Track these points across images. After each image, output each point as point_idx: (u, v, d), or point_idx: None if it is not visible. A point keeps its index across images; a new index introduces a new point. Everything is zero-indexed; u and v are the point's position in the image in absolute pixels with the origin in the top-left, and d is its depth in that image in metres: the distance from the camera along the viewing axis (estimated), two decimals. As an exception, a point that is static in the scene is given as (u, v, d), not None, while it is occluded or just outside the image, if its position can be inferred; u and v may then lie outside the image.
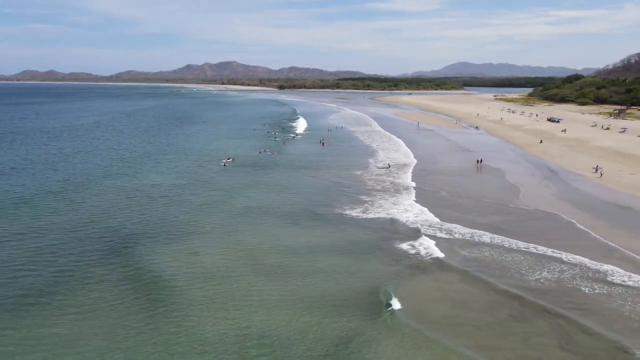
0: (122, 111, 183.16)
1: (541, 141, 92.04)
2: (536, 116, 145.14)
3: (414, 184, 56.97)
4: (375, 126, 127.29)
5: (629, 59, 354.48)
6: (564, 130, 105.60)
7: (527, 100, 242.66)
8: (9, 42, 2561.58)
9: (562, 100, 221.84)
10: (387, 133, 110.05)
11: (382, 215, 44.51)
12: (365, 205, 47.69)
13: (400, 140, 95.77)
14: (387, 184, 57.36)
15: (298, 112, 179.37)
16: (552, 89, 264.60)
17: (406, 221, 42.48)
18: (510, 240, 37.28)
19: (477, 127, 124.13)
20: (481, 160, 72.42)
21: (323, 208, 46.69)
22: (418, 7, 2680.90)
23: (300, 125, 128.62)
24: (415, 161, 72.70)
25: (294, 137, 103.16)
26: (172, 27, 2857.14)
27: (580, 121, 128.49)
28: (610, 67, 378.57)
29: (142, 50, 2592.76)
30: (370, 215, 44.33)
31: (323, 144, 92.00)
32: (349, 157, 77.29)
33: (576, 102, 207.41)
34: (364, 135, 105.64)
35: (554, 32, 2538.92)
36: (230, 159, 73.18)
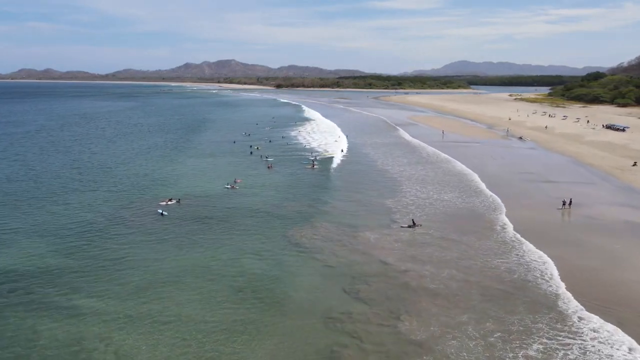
0: (84, 113, 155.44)
1: (635, 163, 64.56)
2: (587, 122, 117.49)
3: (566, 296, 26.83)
4: (393, 136, 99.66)
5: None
6: (651, 145, 78.12)
7: (553, 101, 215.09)
8: (9, 41, 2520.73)
9: (595, 100, 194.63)
10: (422, 147, 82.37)
11: None
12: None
13: (466, 168, 66.07)
14: (456, 277, 29.58)
15: (306, 114, 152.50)
16: (575, 88, 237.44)
17: None
18: None
19: (521, 138, 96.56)
20: (570, 202, 45.13)
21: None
22: (417, 5, 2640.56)
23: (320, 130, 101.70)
24: (503, 208, 43.82)
25: (342, 151, 76.62)
26: (172, 25, 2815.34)
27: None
28: (625, 64, 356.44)
29: (142, 49, 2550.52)
30: None
31: (313, 166, 64.84)
32: (363, 193, 49.69)
33: (614, 104, 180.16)
34: (377, 151, 77.96)
35: (554, 30, 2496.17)
36: (174, 201, 45.93)
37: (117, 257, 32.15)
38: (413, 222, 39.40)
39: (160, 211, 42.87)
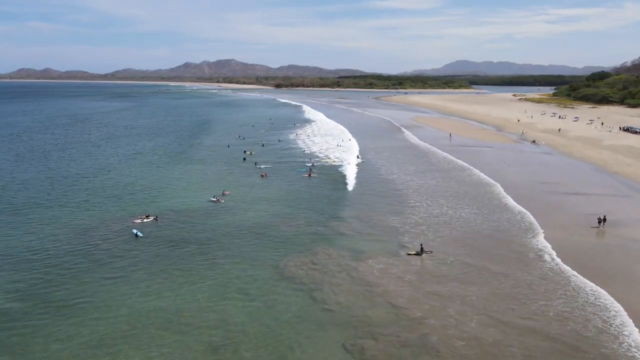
0: (75, 114, 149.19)
1: (666, 172, 58.64)
2: (601, 124, 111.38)
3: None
4: (399, 139, 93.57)
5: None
6: (679, 150, 72.06)
7: (560, 101, 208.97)
8: (8, 41, 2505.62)
9: (603, 101, 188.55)
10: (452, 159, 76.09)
11: None
12: None
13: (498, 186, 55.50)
14: (489, 328, 23.34)
15: (306, 115, 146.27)
16: (581, 87, 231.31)
17: None
18: None
19: (534, 141, 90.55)
20: (605, 220, 39.16)
21: None
22: (417, 5, 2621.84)
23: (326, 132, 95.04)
24: (538, 228, 37.44)
25: (358, 157, 70.71)
26: (172, 25, 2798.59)
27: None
28: (629, 64, 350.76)
29: (141, 49, 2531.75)
30: None
31: (310, 174, 58.71)
32: (366, 208, 43.61)
33: (624, 104, 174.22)
34: (382, 156, 71.92)
35: (554, 30, 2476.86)
36: (151, 218, 40.02)
37: (70, 300, 26.15)
38: (421, 248, 33.30)
39: (135, 231, 36.98)
